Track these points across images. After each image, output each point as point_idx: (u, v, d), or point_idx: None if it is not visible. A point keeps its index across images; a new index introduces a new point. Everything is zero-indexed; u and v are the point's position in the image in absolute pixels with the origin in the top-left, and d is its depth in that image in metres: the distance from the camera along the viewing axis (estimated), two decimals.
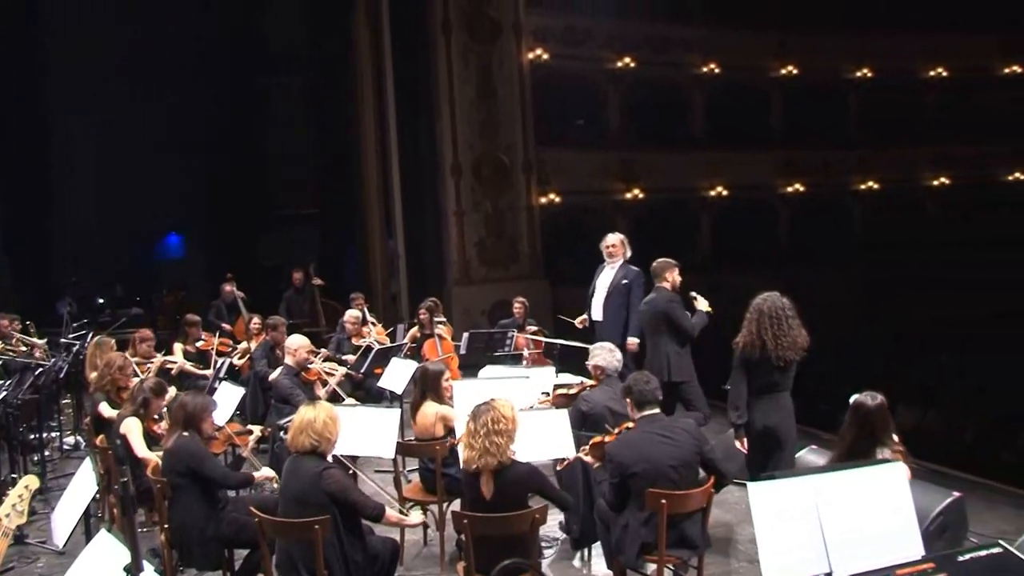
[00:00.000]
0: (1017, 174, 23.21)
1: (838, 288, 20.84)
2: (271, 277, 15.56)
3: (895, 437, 5.28)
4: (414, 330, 10.91)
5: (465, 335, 10.48)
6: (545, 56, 17.61)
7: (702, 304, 7.74)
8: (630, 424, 5.30)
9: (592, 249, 10.04)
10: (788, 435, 6.17)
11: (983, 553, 3.37)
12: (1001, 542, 3.52)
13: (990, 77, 23.06)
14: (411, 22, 16.57)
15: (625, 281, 8.95)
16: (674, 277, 7.87)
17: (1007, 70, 22.96)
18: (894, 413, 13.33)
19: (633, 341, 8.74)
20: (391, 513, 5.04)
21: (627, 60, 18.85)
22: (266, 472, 5.91)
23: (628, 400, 5.28)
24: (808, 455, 7.39)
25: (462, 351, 10.42)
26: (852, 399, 5.38)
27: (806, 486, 3.63)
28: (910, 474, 5.17)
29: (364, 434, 5.97)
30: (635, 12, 19.12)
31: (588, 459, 5.55)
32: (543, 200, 17.53)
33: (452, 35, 16.38)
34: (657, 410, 5.18)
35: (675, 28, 19.83)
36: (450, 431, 6.32)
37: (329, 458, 4.97)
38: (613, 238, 9.27)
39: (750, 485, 3.64)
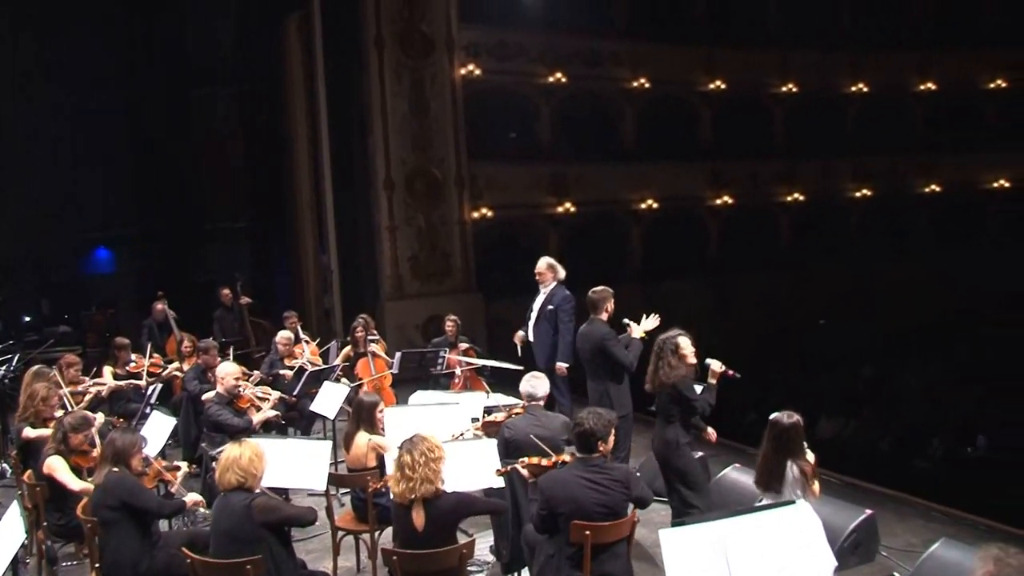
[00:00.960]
0: (933, 186, 24.05)
1: (766, 296, 21.47)
2: (203, 294, 15.39)
3: (809, 454, 5.59)
4: (347, 349, 10.95)
5: (397, 355, 10.54)
6: (477, 71, 17.69)
7: (636, 331, 7.76)
8: (567, 458, 5.45)
9: (524, 261, 10.24)
10: (673, 464, 6.51)
11: None
12: None
13: (908, 93, 23.90)
14: (344, 37, 16.54)
15: (551, 307, 9.14)
16: (610, 307, 7.88)
17: (923, 87, 23.81)
18: (816, 425, 13.82)
19: (561, 366, 8.94)
20: None
21: (559, 74, 18.99)
22: (194, 497, 5.96)
23: (572, 437, 5.43)
24: (732, 473, 7.66)
25: (394, 370, 10.49)
26: (770, 417, 5.68)
27: (714, 532, 3.76)
28: (819, 491, 5.51)
29: (295, 467, 6.04)
30: (566, 27, 19.37)
31: (524, 472, 5.66)
32: (476, 214, 17.63)
33: (385, 50, 16.39)
34: (594, 455, 5.22)
35: (605, 42, 20.01)
36: (382, 461, 6.41)
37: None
38: (541, 264, 9.41)
39: (660, 532, 3.81)
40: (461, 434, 7.02)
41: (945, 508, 7.99)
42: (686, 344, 6.46)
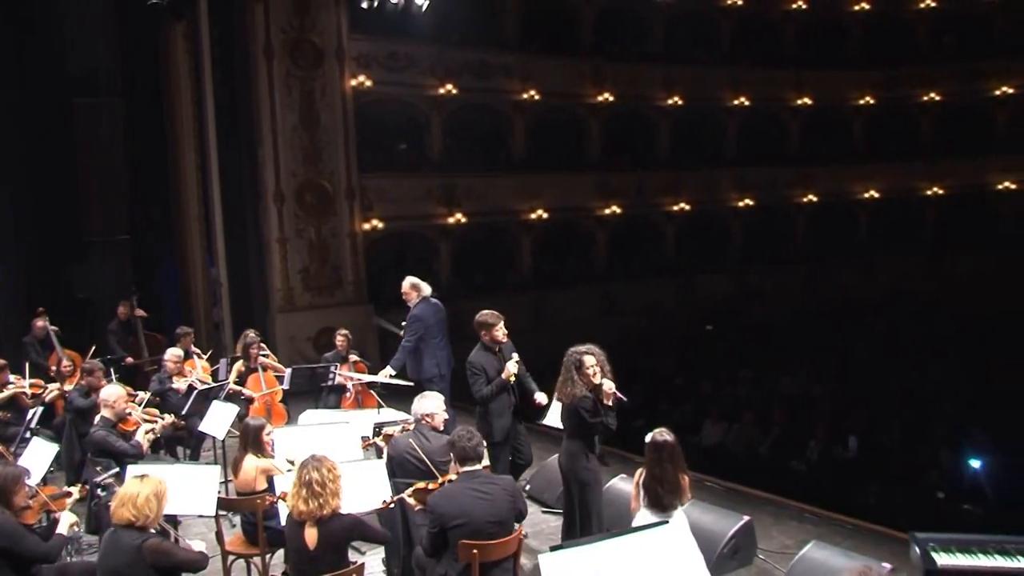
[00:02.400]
0: (811, 196, 25.16)
1: (654, 303, 22.10)
2: (84, 309, 14.93)
3: (684, 474, 5.84)
4: (238, 364, 10.82)
5: (288, 370, 10.51)
6: (368, 82, 17.68)
7: (507, 371, 7.61)
8: (452, 476, 5.55)
9: (415, 273, 10.35)
10: (577, 477, 6.57)
11: None
12: None
13: (785, 108, 24.95)
14: (232, 46, 16.35)
15: (404, 323, 9.38)
16: (492, 333, 7.74)
17: (799, 102, 24.90)
18: (700, 430, 14.25)
19: (385, 371, 9.35)
20: None
21: (449, 86, 19.13)
22: (69, 518, 5.77)
23: (452, 454, 5.54)
24: (619, 483, 7.91)
25: (285, 386, 10.44)
26: (647, 437, 5.90)
27: (593, 554, 3.91)
28: (687, 500, 5.76)
29: (183, 493, 5.95)
30: (457, 39, 19.57)
31: (411, 501, 5.72)
32: (367, 226, 17.61)
33: (275, 60, 16.29)
34: (478, 466, 5.40)
35: (495, 55, 20.25)
36: (272, 484, 6.41)
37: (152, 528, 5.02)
38: (405, 285, 9.65)
39: (541, 557, 3.95)
40: (372, 442, 7.18)
41: (817, 509, 8.44)
42: (590, 361, 6.42)
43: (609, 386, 6.41)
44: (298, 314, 16.32)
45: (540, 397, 7.75)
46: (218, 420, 8.41)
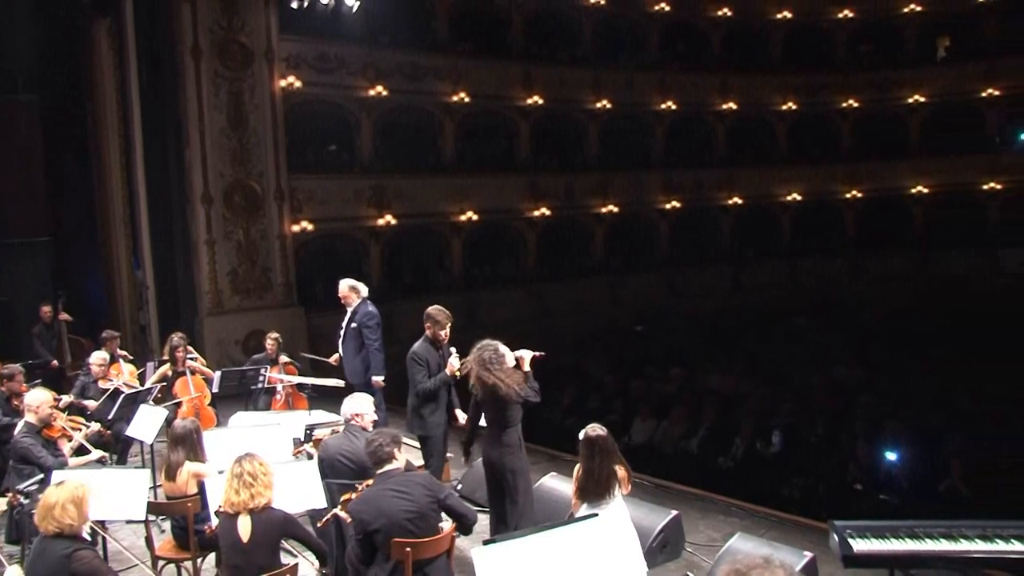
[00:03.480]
0: (736, 198, 25.71)
1: (583, 304, 22.37)
2: (3, 312, 14.54)
3: (619, 465, 5.98)
4: (165, 367, 10.68)
5: (216, 374, 10.43)
6: (298, 83, 17.53)
7: (450, 366, 7.72)
8: (370, 481, 5.55)
9: (345, 274, 10.36)
10: (511, 467, 6.60)
11: None
12: None
13: (711, 112, 25.47)
14: (158, 45, 16.05)
15: (354, 325, 9.36)
16: (436, 332, 7.81)
17: (725, 106, 25.43)
18: (630, 429, 14.44)
19: (377, 380, 9.14)
20: None
21: (380, 88, 19.09)
22: None
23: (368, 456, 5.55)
24: (549, 480, 8.02)
25: (214, 390, 10.36)
26: (581, 433, 6.02)
27: (526, 547, 3.98)
28: (628, 490, 5.90)
29: (112, 497, 5.89)
30: (387, 41, 19.57)
31: (343, 515, 5.66)
32: (296, 228, 17.47)
33: (202, 60, 16.01)
34: (393, 466, 5.40)
35: (426, 57, 20.25)
36: (203, 488, 6.37)
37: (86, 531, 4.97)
38: (343, 287, 9.61)
39: (474, 551, 4.00)
40: (302, 449, 7.18)
41: (742, 503, 8.68)
42: (505, 350, 6.55)
43: (527, 352, 6.65)
44: (227, 317, 16.09)
45: (460, 415, 7.82)
46: (146, 424, 8.30)
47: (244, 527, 5.05)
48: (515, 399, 6.48)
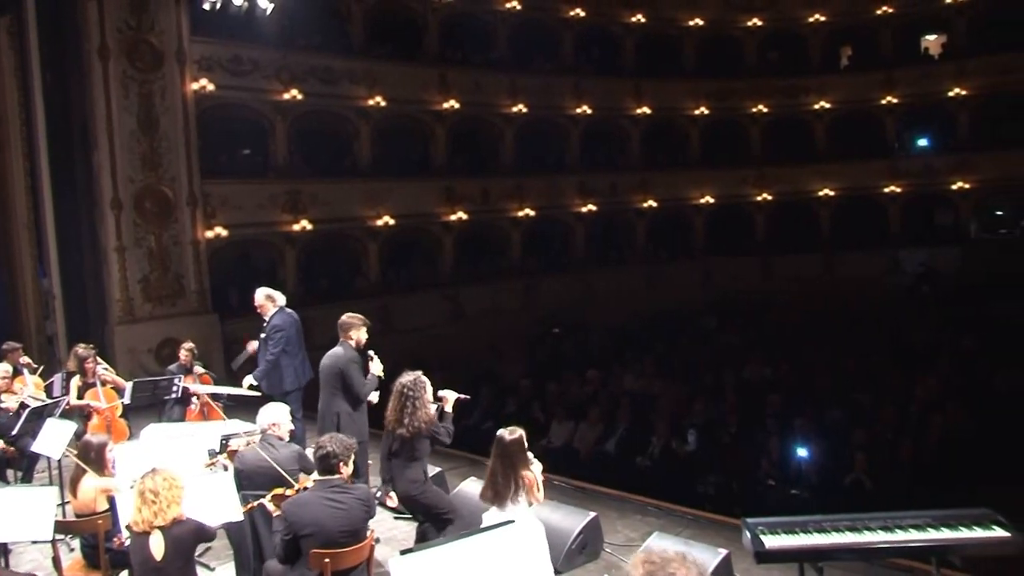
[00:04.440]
0: (651, 201, 26.15)
1: (500, 307, 22.50)
2: None
3: (535, 464, 6.11)
4: (75, 379, 10.42)
5: (128, 384, 10.21)
6: (210, 86, 17.21)
7: (375, 368, 7.92)
8: (309, 483, 5.61)
9: (261, 280, 10.25)
10: (423, 503, 6.71)
11: None
12: None
13: (625, 116, 25.88)
14: (63, 45, 15.56)
15: (263, 335, 9.30)
16: (359, 336, 8.01)
17: (639, 111, 25.87)
18: (547, 432, 14.58)
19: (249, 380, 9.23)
20: None
21: (294, 91, 18.86)
22: None
23: (314, 462, 5.57)
24: (468, 485, 8.07)
25: (126, 400, 10.15)
26: (497, 435, 6.14)
27: (443, 556, 4.00)
28: (543, 498, 6.02)
29: (17, 518, 5.73)
30: (302, 44, 19.37)
31: (270, 507, 5.72)
32: (210, 233, 17.15)
33: (110, 61, 15.57)
34: (334, 476, 5.42)
35: (341, 61, 20.09)
36: (114, 504, 6.24)
37: None
38: (258, 297, 9.55)
39: (390, 562, 4.04)
40: (215, 461, 7.06)
41: (658, 502, 8.88)
42: (428, 382, 6.70)
43: (451, 394, 6.84)
44: (139, 325, 15.70)
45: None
46: (53, 439, 8.04)
47: (156, 545, 5.01)
48: (423, 432, 6.57)
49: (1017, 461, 12.06)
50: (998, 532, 5.04)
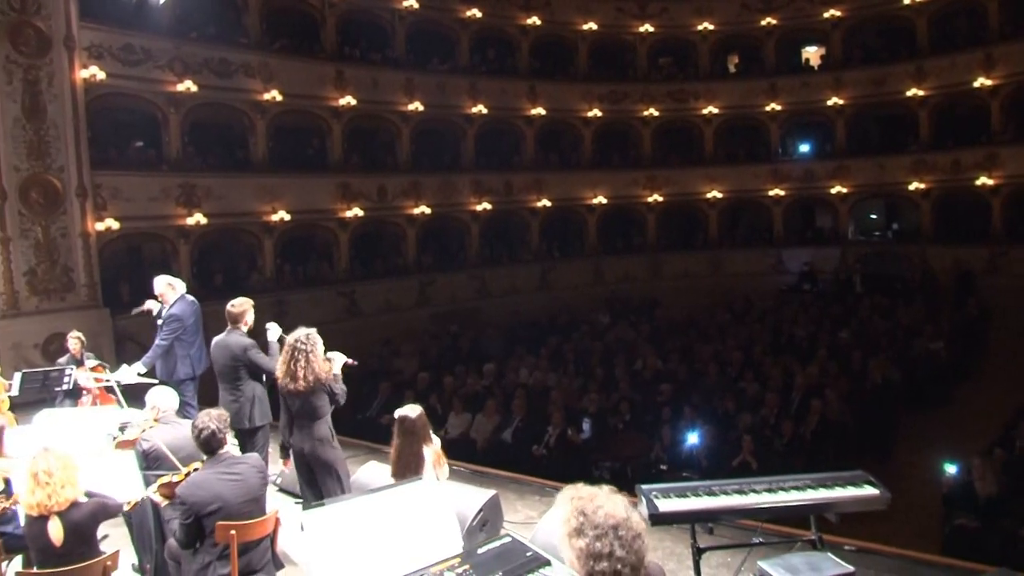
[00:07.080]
0: (544, 201, 26.60)
1: (395, 303, 22.58)
2: None
3: (435, 439, 6.32)
4: None
5: (17, 375, 9.92)
6: (101, 74, 16.70)
7: (273, 333, 7.95)
8: (198, 465, 5.59)
9: (153, 274, 10.12)
10: (324, 459, 6.78)
11: (496, 544, 4.12)
12: (511, 533, 4.35)
13: (520, 117, 26.27)
14: None
15: (160, 322, 9.27)
16: (249, 319, 8.07)
17: (533, 112, 26.30)
18: (446, 422, 14.76)
19: (139, 367, 9.14)
20: None
21: (188, 83, 18.47)
22: None
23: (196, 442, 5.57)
24: (366, 471, 8.16)
25: (14, 393, 9.85)
26: (396, 413, 6.31)
27: (350, 509, 4.09)
28: (447, 474, 6.23)
29: None
30: (196, 34, 19.04)
31: (157, 498, 5.70)
32: (100, 226, 16.68)
33: None
34: (223, 451, 5.48)
35: (236, 53, 19.81)
36: (9, 486, 6.16)
37: None
38: (158, 284, 9.52)
39: (301, 513, 4.10)
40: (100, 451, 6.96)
41: (556, 483, 9.14)
42: (320, 340, 6.73)
43: (340, 356, 6.89)
44: (24, 319, 15.15)
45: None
46: None
47: (55, 530, 4.94)
48: (321, 386, 6.62)
49: (885, 440, 13.01)
50: (869, 491, 5.51)
